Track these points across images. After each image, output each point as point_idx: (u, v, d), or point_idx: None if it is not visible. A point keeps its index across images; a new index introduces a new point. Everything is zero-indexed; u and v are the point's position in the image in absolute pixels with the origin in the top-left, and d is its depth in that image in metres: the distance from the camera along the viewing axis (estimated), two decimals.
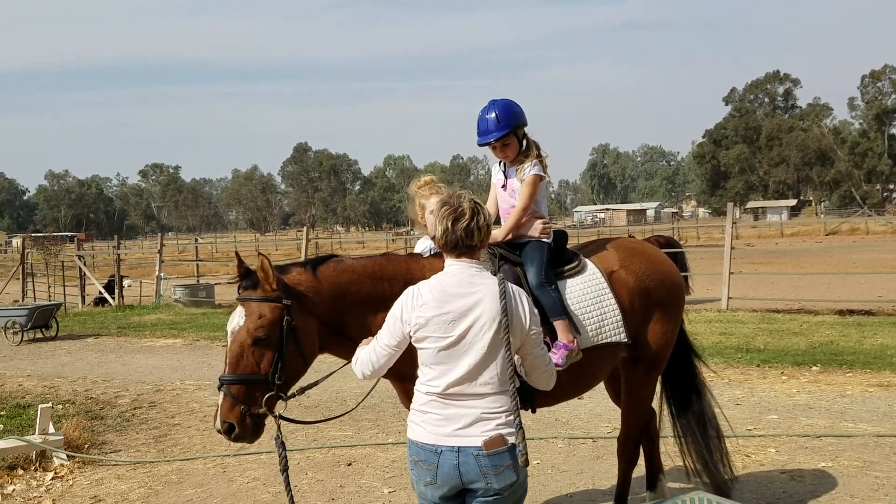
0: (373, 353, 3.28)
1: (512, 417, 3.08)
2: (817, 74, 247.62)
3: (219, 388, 3.48)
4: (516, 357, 3.18)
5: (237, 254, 3.76)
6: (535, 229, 4.42)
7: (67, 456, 7.13)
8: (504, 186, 4.54)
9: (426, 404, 3.13)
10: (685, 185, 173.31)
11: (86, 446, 7.55)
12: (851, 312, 14.49)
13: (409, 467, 3.19)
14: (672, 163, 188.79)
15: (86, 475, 6.85)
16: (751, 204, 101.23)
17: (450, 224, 3.14)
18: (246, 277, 3.59)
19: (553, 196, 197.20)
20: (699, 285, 18.88)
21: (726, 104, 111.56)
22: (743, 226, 53.57)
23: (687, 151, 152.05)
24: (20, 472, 6.86)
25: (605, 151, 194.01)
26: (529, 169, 4.38)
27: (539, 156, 4.44)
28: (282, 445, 3.34)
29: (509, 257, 4.31)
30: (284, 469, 3.32)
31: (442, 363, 3.10)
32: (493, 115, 4.35)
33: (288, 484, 3.35)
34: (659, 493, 5.08)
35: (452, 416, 3.07)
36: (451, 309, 3.08)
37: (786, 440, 6.90)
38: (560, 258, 4.48)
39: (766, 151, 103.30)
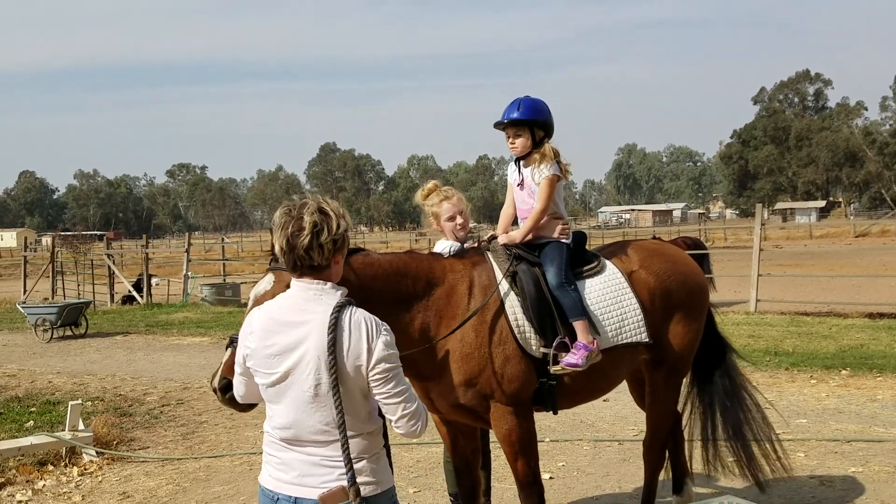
0: (235, 377, 2.99)
1: (361, 465, 2.69)
2: (848, 74, 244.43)
3: (227, 347, 3.37)
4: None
5: (272, 230, 3.75)
6: (555, 230, 4.41)
7: (97, 452, 7.22)
8: (521, 185, 4.51)
9: (269, 445, 2.79)
10: (712, 186, 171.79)
11: (115, 443, 7.64)
12: (882, 316, 14.28)
13: None
14: (699, 163, 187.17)
15: (114, 471, 6.93)
16: (779, 205, 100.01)
17: (285, 241, 2.69)
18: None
19: (577, 196, 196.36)
20: (727, 287, 18.79)
21: (755, 104, 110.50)
22: (771, 227, 53.00)
23: (714, 152, 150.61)
24: (50, 467, 6.94)
25: (632, 151, 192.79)
26: (547, 169, 4.36)
27: (558, 158, 4.42)
28: None
29: (527, 258, 4.29)
30: None
31: (273, 402, 2.74)
32: (518, 104, 4.39)
33: None
34: (686, 498, 5.03)
35: (291, 462, 2.71)
36: (275, 341, 2.68)
37: (815, 444, 6.82)
38: (579, 259, 4.46)
39: (795, 152, 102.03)
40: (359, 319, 2.68)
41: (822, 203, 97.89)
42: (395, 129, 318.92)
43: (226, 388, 3.28)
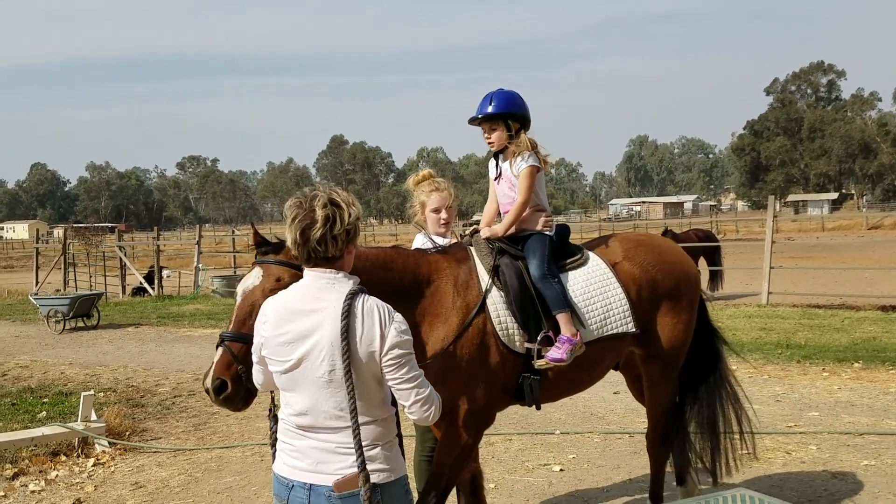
0: (253, 367, 3.01)
1: (375, 452, 2.73)
2: (862, 65, 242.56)
3: (218, 346, 3.31)
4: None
5: (252, 224, 3.74)
6: (538, 222, 4.37)
7: (109, 443, 7.27)
8: (497, 179, 4.47)
9: (284, 433, 2.84)
10: (723, 178, 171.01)
11: (127, 433, 7.69)
12: (894, 308, 14.19)
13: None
14: (710, 155, 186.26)
15: (127, 462, 6.97)
16: (791, 197, 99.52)
17: (298, 234, 2.71)
18: (262, 245, 3.46)
19: (588, 188, 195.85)
20: (739, 279, 18.74)
21: (768, 95, 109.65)
22: (783, 219, 52.59)
23: (726, 144, 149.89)
24: (63, 458, 7.00)
25: (643, 143, 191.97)
26: (525, 161, 4.29)
27: (536, 149, 4.35)
28: (274, 419, 3.14)
29: (510, 251, 4.22)
30: (273, 443, 3.20)
31: (287, 390, 2.77)
32: (490, 98, 4.32)
33: (274, 457, 3.24)
34: (690, 489, 5.00)
35: (305, 450, 2.74)
36: (288, 329, 2.72)
37: (827, 437, 6.79)
38: (563, 251, 4.42)
39: (807, 143, 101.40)
40: (371, 306, 2.72)
41: (834, 195, 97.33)
42: (404, 122, 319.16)
43: (219, 389, 3.26)
